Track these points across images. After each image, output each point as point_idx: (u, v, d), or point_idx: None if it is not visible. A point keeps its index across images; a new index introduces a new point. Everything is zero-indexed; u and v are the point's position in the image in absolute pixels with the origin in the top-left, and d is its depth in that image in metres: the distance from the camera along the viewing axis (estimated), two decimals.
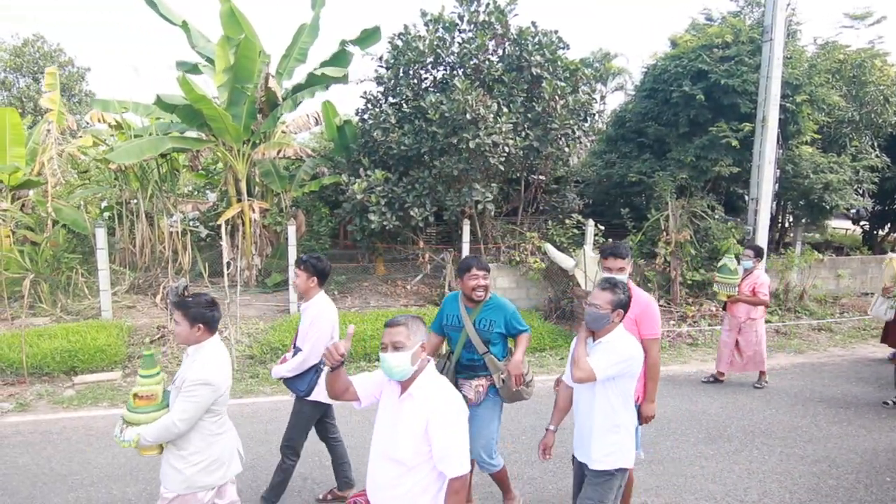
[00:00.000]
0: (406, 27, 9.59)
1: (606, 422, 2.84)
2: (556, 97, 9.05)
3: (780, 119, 9.45)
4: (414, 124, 8.96)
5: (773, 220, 13.33)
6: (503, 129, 8.48)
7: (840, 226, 17.56)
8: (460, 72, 9.55)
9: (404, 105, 9.40)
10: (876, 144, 11.88)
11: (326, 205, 10.24)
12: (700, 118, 10.17)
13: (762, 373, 6.50)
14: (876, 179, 11.18)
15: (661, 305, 9.29)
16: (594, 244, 9.70)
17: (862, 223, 15.12)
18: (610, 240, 9.24)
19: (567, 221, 10.00)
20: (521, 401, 3.65)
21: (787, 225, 13.35)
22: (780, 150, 9.76)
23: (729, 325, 6.46)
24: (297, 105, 9.55)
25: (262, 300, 8.95)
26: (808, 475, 4.46)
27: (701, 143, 10.09)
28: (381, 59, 9.75)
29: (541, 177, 11.06)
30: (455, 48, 9.43)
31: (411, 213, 8.68)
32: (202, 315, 2.72)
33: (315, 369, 3.62)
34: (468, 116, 8.19)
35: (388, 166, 9.22)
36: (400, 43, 9.50)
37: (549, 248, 9.37)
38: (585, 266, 8.52)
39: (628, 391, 2.87)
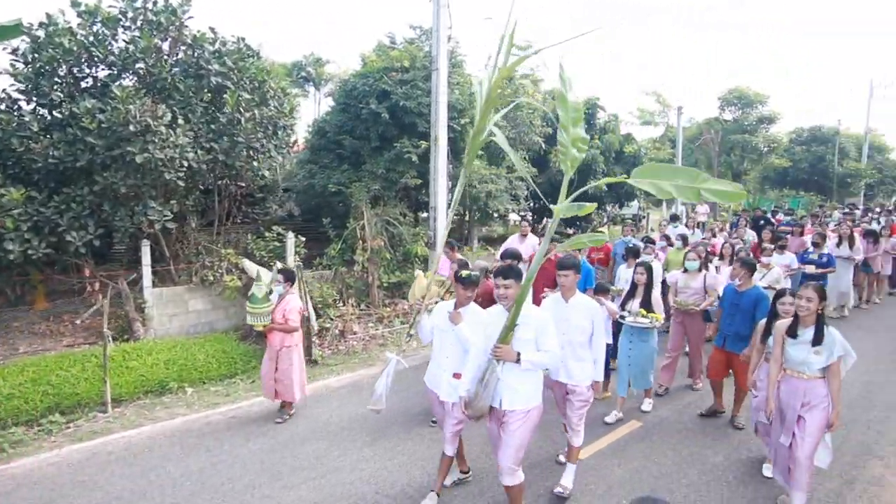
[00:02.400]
0: (50, 16, 8.07)
1: None
2: (241, 109, 8.80)
3: (450, 138, 10.99)
4: (66, 132, 7.63)
5: (462, 220, 15.56)
6: (179, 143, 7.87)
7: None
8: (128, 75, 8.52)
9: (54, 109, 7.96)
10: (527, 157, 14.80)
11: None
12: (388, 134, 11.15)
13: (289, 405, 6.15)
14: (526, 187, 13.92)
15: (360, 309, 9.95)
16: (296, 256, 9.81)
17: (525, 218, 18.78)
18: (303, 252, 9.47)
19: (268, 234, 9.86)
20: None
21: (472, 224, 15.71)
22: (453, 165, 11.36)
23: (267, 353, 6.08)
24: None
25: None
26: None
27: (390, 157, 11.08)
28: (15, 51, 8.02)
29: (240, 183, 10.64)
30: (118, 48, 8.34)
31: (68, 237, 7.42)
32: None
33: None
34: (132, 128, 7.35)
35: (34, 182, 7.69)
36: (42, 34, 7.97)
37: (247, 263, 9.12)
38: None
39: None
